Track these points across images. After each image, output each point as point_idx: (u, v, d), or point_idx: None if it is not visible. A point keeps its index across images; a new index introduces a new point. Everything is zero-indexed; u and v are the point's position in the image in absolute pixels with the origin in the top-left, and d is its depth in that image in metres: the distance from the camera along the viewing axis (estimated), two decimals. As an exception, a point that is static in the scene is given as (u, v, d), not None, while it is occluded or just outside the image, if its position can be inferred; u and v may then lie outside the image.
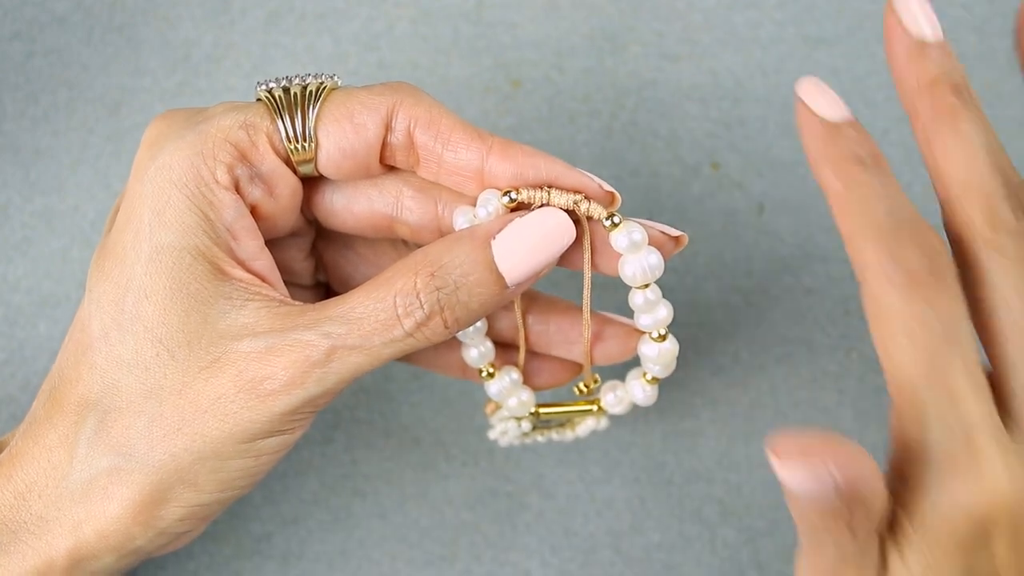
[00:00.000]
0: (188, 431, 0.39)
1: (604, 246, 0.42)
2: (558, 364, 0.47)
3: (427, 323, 0.39)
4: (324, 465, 0.52)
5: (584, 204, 0.40)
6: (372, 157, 0.41)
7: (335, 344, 0.38)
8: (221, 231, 0.40)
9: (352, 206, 0.43)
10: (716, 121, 0.55)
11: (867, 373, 0.53)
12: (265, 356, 0.38)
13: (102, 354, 0.40)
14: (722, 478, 0.52)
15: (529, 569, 0.51)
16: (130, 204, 0.40)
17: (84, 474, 0.39)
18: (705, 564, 0.51)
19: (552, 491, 0.52)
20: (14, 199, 0.53)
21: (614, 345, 0.45)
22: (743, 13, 0.56)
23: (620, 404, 0.46)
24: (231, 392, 0.39)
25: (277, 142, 0.40)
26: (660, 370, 0.44)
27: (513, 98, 0.55)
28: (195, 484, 0.40)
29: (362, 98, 0.41)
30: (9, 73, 0.54)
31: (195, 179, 0.39)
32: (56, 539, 0.40)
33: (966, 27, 0.56)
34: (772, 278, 0.54)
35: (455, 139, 0.40)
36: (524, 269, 0.40)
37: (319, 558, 0.51)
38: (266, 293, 0.40)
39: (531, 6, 0.56)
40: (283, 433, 0.40)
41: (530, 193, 0.40)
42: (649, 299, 0.42)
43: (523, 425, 0.47)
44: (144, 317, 0.39)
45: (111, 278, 0.40)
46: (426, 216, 0.42)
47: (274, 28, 0.55)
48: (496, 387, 0.46)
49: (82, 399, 0.40)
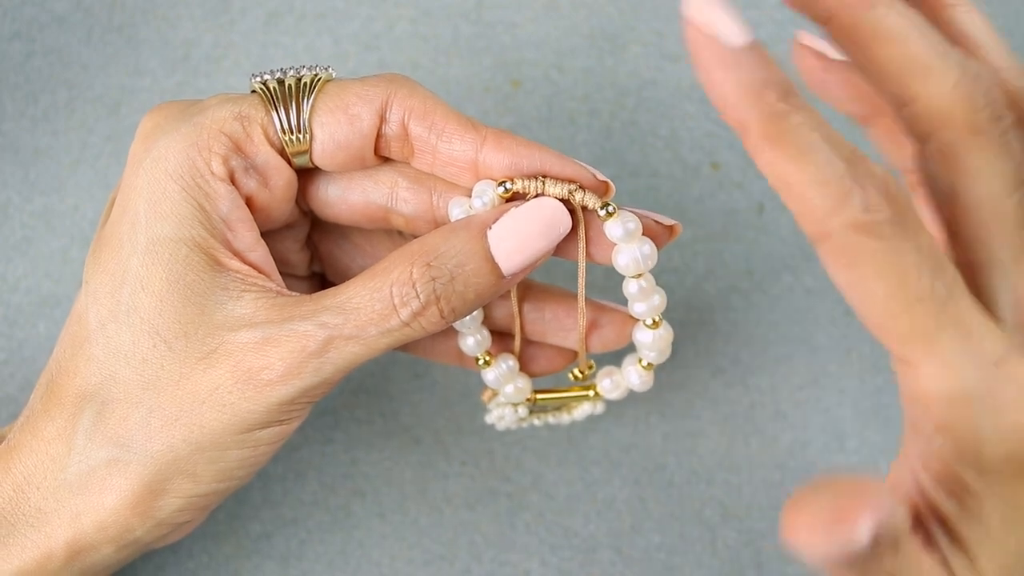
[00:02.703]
0: (186, 422, 0.39)
1: (599, 235, 0.42)
2: (554, 351, 0.47)
3: (423, 313, 0.39)
4: (324, 465, 0.52)
5: (579, 194, 0.40)
6: (367, 148, 0.41)
7: (332, 334, 0.38)
8: (217, 222, 0.40)
9: (347, 197, 0.43)
10: (716, 121, 0.55)
11: (867, 373, 0.53)
12: (262, 346, 0.39)
13: (99, 346, 0.40)
14: (723, 479, 0.52)
15: (529, 569, 0.51)
16: (125, 196, 0.40)
17: (82, 466, 0.39)
18: (705, 565, 0.51)
19: (552, 491, 0.52)
20: (14, 199, 0.53)
21: (609, 332, 0.45)
22: (743, 13, 0.55)
23: (616, 389, 0.46)
24: (228, 383, 0.39)
25: (272, 133, 0.41)
26: (655, 356, 0.44)
27: (513, 98, 0.55)
28: (193, 475, 0.40)
29: (356, 89, 0.41)
30: (9, 73, 0.54)
31: (190, 170, 0.39)
32: (55, 531, 0.40)
33: (965, 27, 0.56)
34: (772, 278, 0.54)
35: (449, 130, 0.40)
36: (520, 259, 0.40)
37: (319, 558, 0.51)
38: (262, 284, 0.40)
39: (531, 6, 0.56)
40: (281, 423, 0.40)
41: (525, 183, 0.40)
42: (643, 287, 0.42)
43: (520, 411, 0.47)
44: (141, 308, 0.39)
45: (107, 270, 0.40)
46: (421, 207, 0.42)
47: (274, 28, 0.55)
48: (493, 375, 0.46)
49: (80, 391, 0.40)
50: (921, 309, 0.32)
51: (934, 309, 0.32)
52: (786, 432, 0.53)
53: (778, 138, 0.31)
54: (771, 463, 0.52)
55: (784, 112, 0.31)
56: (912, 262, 0.31)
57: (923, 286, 0.31)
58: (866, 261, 0.32)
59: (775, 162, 0.31)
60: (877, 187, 0.31)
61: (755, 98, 0.31)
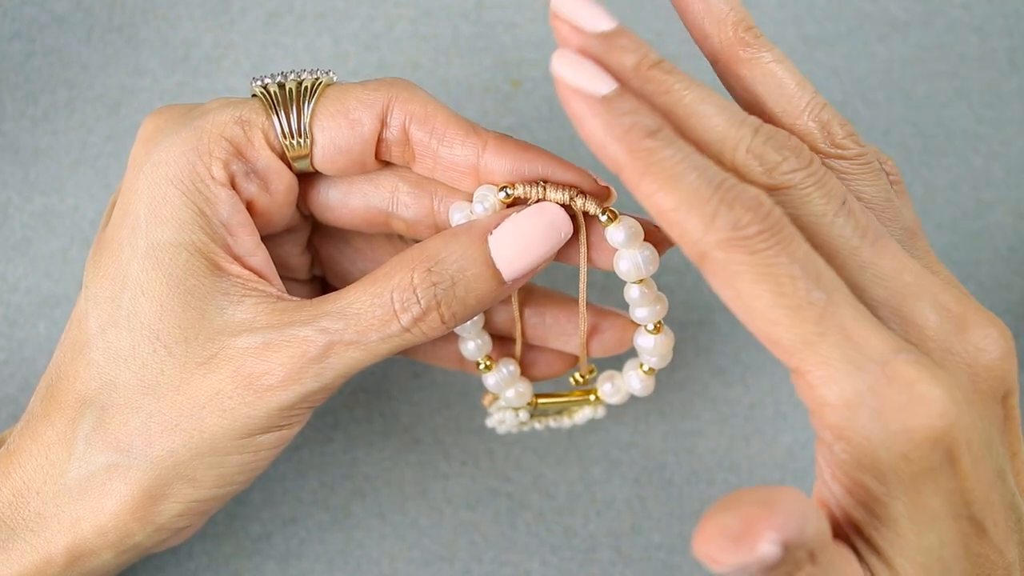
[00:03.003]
0: (186, 427, 0.39)
1: (600, 241, 0.42)
2: (555, 356, 0.47)
3: (424, 318, 0.39)
4: (324, 465, 0.52)
5: (580, 199, 0.40)
6: (367, 153, 0.41)
7: (332, 339, 0.38)
8: (217, 227, 0.40)
9: (348, 201, 0.43)
10: (716, 121, 0.55)
11: (868, 373, 0.53)
12: (262, 352, 0.39)
13: (99, 351, 0.40)
14: (722, 478, 0.52)
15: (529, 569, 0.51)
16: (126, 200, 0.40)
17: (82, 471, 0.39)
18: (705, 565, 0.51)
19: (552, 491, 0.52)
20: (14, 199, 0.53)
21: (610, 337, 0.45)
22: (743, 13, 0.56)
23: (617, 394, 0.46)
24: (229, 388, 0.39)
25: (272, 138, 0.41)
26: (656, 361, 0.44)
27: (513, 98, 0.55)
28: (193, 480, 0.40)
29: (357, 94, 0.41)
30: (9, 73, 0.54)
31: (191, 175, 0.39)
32: (54, 536, 0.40)
33: (966, 27, 0.56)
34: (772, 278, 0.54)
35: (450, 135, 0.40)
36: (521, 264, 0.40)
37: (318, 558, 0.51)
38: (263, 289, 0.40)
39: (531, 6, 0.56)
40: (281, 428, 0.40)
41: (526, 188, 0.40)
42: (644, 292, 0.42)
43: (521, 415, 0.47)
44: (141, 313, 0.39)
45: (108, 274, 0.40)
46: (422, 212, 0.42)
47: (274, 28, 0.55)
48: (494, 379, 0.46)
49: (80, 396, 0.40)
50: (800, 316, 0.32)
51: (814, 315, 0.32)
52: (786, 432, 0.53)
53: (647, 171, 0.33)
54: (771, 463, 0.52)
55: (651, 148, 0.33)
56: (786, 272, 0.32)
57: (799, 294, 0.32)
58: (741, 275, 0.33)
59: (649, 194, 0.33)
60: (746, 205, 0.32)
61: (623, 140, 0.33)
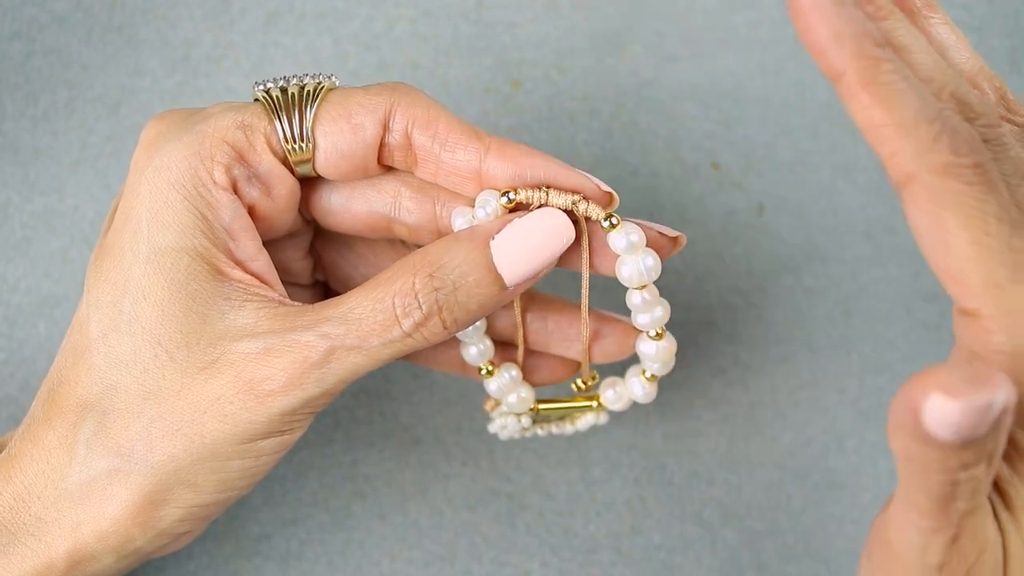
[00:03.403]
0: (187, 432, 0.39)
1: (603, 247, 0.42)
2: (557, 362, 0.47)
3: (425, 324, 0.39)
4: (324, 466, 0.52)
5: (582, 205, 0.40)
6: (370, 158, 0.41)
7: (334, 345, 0.38)
8: (219, 232, 0.40)
9: (350, 206, 0.43)
10: (716, 121, 0.55)
11: (867, 373, 0.53)
12: (264, 357, 0.38)
13: (101, 355, 0.40)
14: (722, 479, 0.52)
15: (529, 570, 0.51)
16: (128, 204, 0.40)
17: (83, 475, 0.39)
18: (705, 565, 0.51)
19: (552, 491, 0.52)
20: (14, 199, 0.53)
21: (612, 343, 0.45)
22: (743, 13, 0.56)
23: (620, 401, 0.46)
24: (230, 393, 0.39)
25: (274, 143, 0.40)
26: (659, 368, 0.44)
27: (513, 98, 0.55)
28: (194, 485, 0.40)
29: (359, 98, 0.41)
30: (9, 73, 0.54)
31: (192, 180, 0.39)
32: (55, 541, 0.40)
33: (966, 27, 0.56)
34: (772, 278, 0.54)
35: (453, 140, 0.40)
36: (523, 270, 0.40)
37: (319, 559, 0.51)
38: (264, 294, 0.40)
39: (531, 6, 0.56)
40: (282, 434, 0.40)
41: (528, 193, 0.40)
42: (646, 299, 0.42)
43: (523, 420, 0.47)
44: (142, 318, 0.39)
45: (109, 279, 0.40)
46: (424, 217, 0.42)
47: (274, 28, 0.55)
48: (495, 384, 0.46)
49: (81, 400, 0.40)
50: (998, 260, 0.32)
51: (1011, 261, 0.32)
52: (786, 432, 0.53)
53: (872, 82, 0.32)
54: (771, 463, 0.52)
55: (878, 58, 0.32)
56: (994, 212, 0.32)
57: (1003, 237, 0.32)
58: (950, 205, 0.32)
59: (868, 105, 0.32)
60: (963, 137, 0.32)
61: (853, 44, 0.32)
